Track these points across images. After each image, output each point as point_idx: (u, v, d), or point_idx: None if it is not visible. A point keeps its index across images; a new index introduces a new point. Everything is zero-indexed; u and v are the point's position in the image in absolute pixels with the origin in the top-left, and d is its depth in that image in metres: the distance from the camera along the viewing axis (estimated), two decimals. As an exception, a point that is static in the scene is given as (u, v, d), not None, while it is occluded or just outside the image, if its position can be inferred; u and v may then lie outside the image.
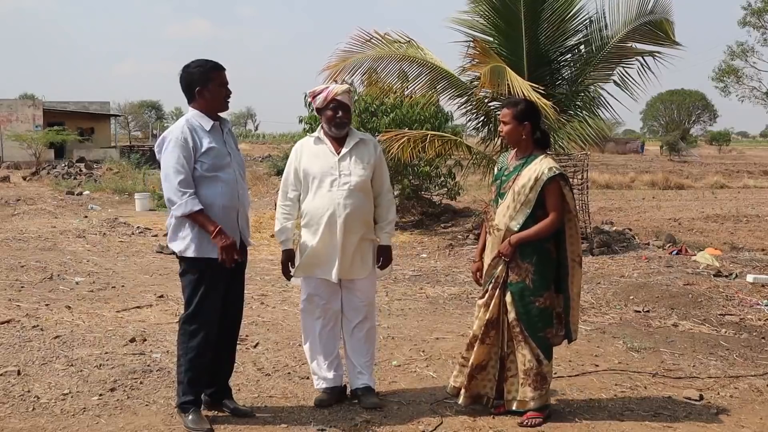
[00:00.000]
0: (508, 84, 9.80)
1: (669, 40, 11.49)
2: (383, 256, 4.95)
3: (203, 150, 4.43)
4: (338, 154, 4.78)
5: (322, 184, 4.74)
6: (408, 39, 12.02)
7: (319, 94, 4.80)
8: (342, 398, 4.94)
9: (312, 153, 4.84)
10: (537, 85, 10.01)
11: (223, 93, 4.57)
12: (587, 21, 11.96)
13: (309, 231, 4.79)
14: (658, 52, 11.49)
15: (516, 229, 4.55)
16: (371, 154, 4.86)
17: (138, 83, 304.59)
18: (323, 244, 4.73)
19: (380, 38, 11.81)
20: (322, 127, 4.88)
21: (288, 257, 4.88)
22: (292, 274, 4.91)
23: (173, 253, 4.60)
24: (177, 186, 4.33)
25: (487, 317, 4.65)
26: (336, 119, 4.76)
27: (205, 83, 4.49)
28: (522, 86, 9.64)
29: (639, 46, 11.71)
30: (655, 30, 11.52)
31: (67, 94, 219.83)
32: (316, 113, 5.02)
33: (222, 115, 4.66)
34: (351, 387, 4.99)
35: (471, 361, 4.71)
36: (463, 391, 4.76)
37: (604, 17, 11.89)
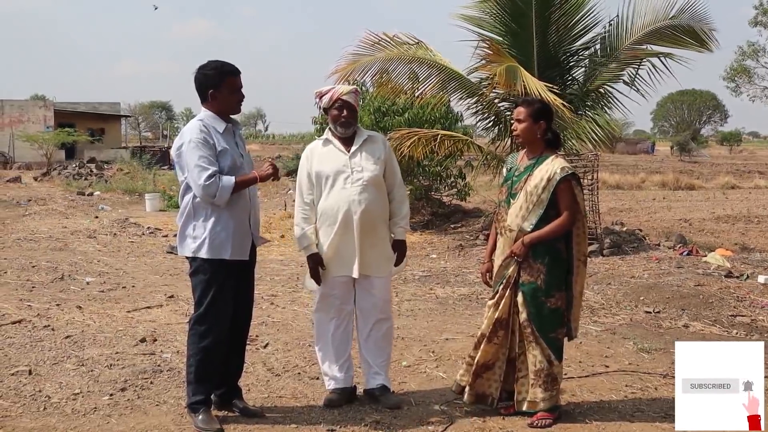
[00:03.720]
0: (523, 84, 9.76)
1: (699, 45, 11.39)
2: (398, 250, 4.95)
3: (218, 150, 4.45)
4: (348, 152, 4.81)
5: (336, 182, 4.76)
6: (417, 41, 12.01)
7: (325, 94, 4.87)
8: (352, 399, 4.94)
9: (322, 154, 4.87)
10: (551, 85, 9.99)
11: (236, 97, 4.59)
12: (600, 21, 11.92)
13: (325, 230, 4.79)
14: (675, 55, 11.39)
15: (529, 229, 4.55)
16: (381, 149, 4.89)
17: (148, 84, 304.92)
18: (340, 241, 4.74)
19: (389, 40, 11.81)
20: (329, 128, 4.92)
21: (316, 261, 4.82)
22: (321, 277, 4.85)
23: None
24: (204, 182, 4.34)
25: (496, 316, 4.65)
26: (341, 119, 4.80)
27: (218, 86, 4.51)
28: (537, 86, 9.61)
29: (655, 47, 11.61)
30: (678, 33, 11.44)
31: (77, 95, 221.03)
32: (323, 112, 5.04)
33: (233, 117, 4.69)
34: (366, 387, 4.98)
35: (477, 359, 4.72)
36: (467, 389, 4.77)
37: (618, 17, 11.85)
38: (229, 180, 4.40)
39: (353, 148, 4.82)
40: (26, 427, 4.48)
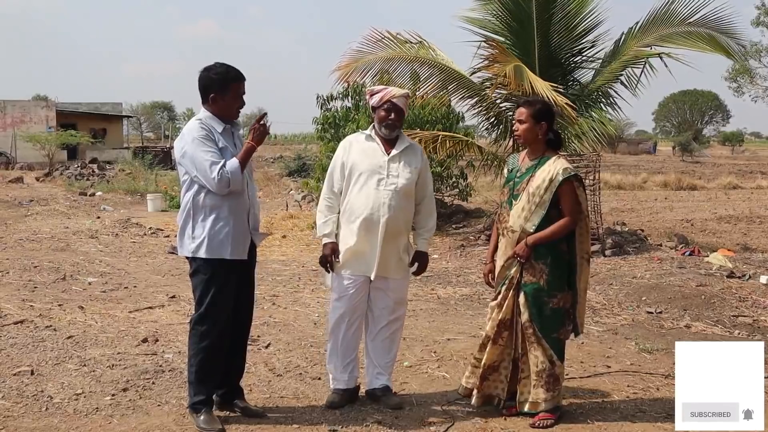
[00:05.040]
0: (529, 84, 9.74)
1: (718, 51, 11.31)
2: (419, 262, 4.95)
3: (219, 147, 4.46)
4: (388, 154, 4.81)
5: (369, 181, 4.75)
6: (420, 39, 12.00)
7: (376, 93, 4.88)
8: (353, 399, 4.95)
9: (362, 149, 4.87)
10: (556, 85, 9.97)
11: (237, 104, 4.59)
12: (602, 21, 11.89)
13: (348, 226, 4.80)
14: (677, 54, 11.33)
15: (531, 230, 4.55)
16: (418, 159, 4.90)
17: (152, 84, 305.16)
18: (362, 241, 4.74)
19: (392, 38, 11.80)
20: (373, 126, 4.92)
21: (332, 250, 4.83)
22: (334, 268, 4.87)
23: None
24: (216, 176, 4.36)
25: (500, 318, 4.65)
26: (388, 120, 4.81)
27: (221, 91, 4.51)
28: (543, 86, 9.60)
29: (660, 48, 11.53)
30: (694, 39, 11.35)
31: (79, 95, 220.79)
32: (370, 110, 5.03)
33: None
34: (368, 386, 4.99)
35: (483, 361, 4.71)
36: (475, 392, 4.77)
37: (636, 24, 11.80)
38: (233, 164, 4.41)
39: (394, 152, 4.82)
40: (28, 427, 4.49)
